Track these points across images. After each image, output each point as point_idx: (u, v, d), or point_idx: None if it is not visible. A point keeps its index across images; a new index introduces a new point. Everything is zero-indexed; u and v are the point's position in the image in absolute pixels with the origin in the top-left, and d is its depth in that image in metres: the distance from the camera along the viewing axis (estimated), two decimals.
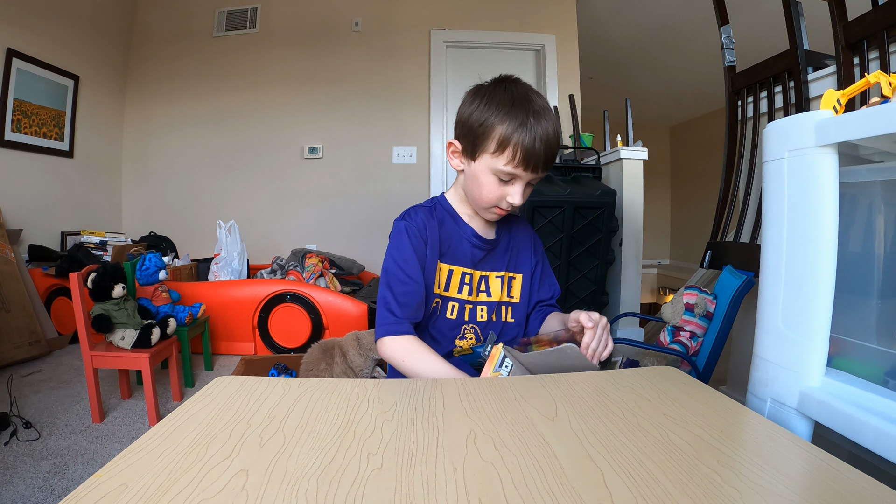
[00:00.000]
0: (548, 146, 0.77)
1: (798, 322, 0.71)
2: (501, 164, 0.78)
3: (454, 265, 0.89)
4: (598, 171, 2.58)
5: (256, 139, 3.58)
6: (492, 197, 0.82)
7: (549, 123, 0.78)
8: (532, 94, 0.80)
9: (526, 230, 0.99)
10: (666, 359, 1.52)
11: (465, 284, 0.89)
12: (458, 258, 0.89)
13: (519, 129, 0.76)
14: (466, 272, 0.89)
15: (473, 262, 0.90)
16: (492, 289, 0.91)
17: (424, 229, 0.85)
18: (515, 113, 0.77)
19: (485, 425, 0.50)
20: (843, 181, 0.68)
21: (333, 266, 2.96)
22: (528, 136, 0.76)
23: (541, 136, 0.76)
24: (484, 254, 0.91)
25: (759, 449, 0.48)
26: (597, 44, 4.21)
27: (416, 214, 0.87)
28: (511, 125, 0.77)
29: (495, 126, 0.77)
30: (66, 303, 2.46)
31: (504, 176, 0.80)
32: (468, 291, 0.89)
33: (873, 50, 1.30)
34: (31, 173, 2.78)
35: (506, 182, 0.81)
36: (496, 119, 0.78)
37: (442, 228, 0.88)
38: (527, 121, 0.76)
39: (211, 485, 0.38)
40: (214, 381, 0.61)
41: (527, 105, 0.77)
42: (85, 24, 3.16)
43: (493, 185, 0.81)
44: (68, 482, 1.20)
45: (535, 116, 0.77)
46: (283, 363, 1.89)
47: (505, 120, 0.77)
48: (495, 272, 0.92)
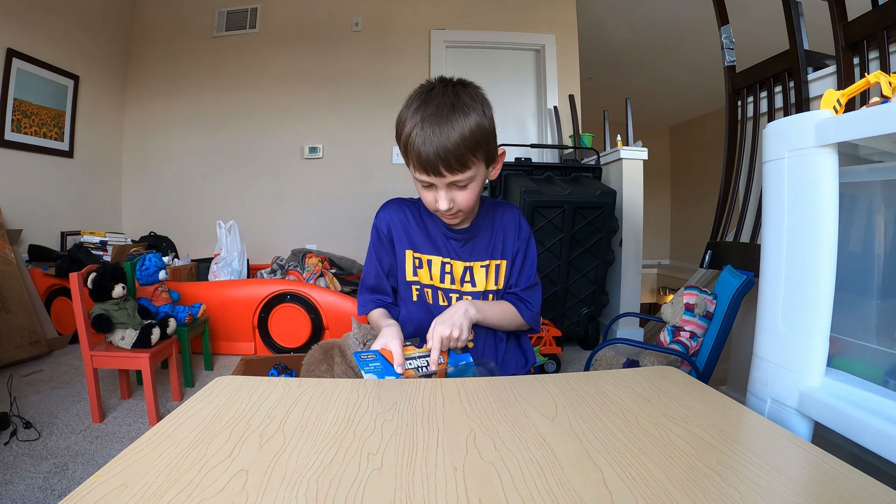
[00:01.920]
0: (442, 148, 0.73)
1: (798, 322, 0.71)
2: (413, 171, 0.79)
3: (432, 255, 0.91)
4: (598, 171, 2.58)
5: (256, 139, 3.58)
6: (428, 203, 0.83)
7: (450, 121, 0.73)
8: (441, 92, 0.76)
9: (513, 215, 0.95)
10: (666, 359, 1.52)
11: (447, 274, 0.91)
12: (435, 248, 0.91)
13: (413, 131, 0.75)
14: (446, 262, 0.91)
15: (455, 252, 0.91)
16: (477, 279, 0.92)
17: (393, 224, 0.92)
18: (414, 115, 0.75)
19: (485, 425, 0.50)
20: (843, 181, 0.68)
21: (333, 266, 2.96)
22: (419, 140, 0.74)
23: (431, 139, 0.73)
24: (461, 243, 0.91)
25: (759, 449, 0.48)
26: (597, 44, 4.20)
27: (386, 210, 0.94)
28: (408, 127, 0.75)
29: (402, 131, 0.78)
30: (66, 303, 2.46)
31: (423, 182, 0.79)
32: (450, 280, 0.91)
33: (873, 50, 1.30)
34: (31, 173, 2.78)
35: (427, 188, 0.80)
36: (401, 126, 0.78)
37: (416, 220, 0.92)
38: (419, 124, 0.74)
39: (211, 485, 0.38)
40: (214, 381, 0.61)
41: (425, 107, 0.74)
42: (85, 24, 3.16)
43: (423, 192, 0.82)
44: (68, 482, 1.20)
45: (430, 118, 0.73)
46: (283, 363, 1.88)
47: (407, 122, 0.76)
48: (480, 262, 0.92)
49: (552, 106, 3.47)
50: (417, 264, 0.92)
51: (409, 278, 0.92)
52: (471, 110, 0.75)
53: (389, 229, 0.93)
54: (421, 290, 0.92)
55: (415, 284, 0.92)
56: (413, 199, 0.97)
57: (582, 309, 2.46)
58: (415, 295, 0.93)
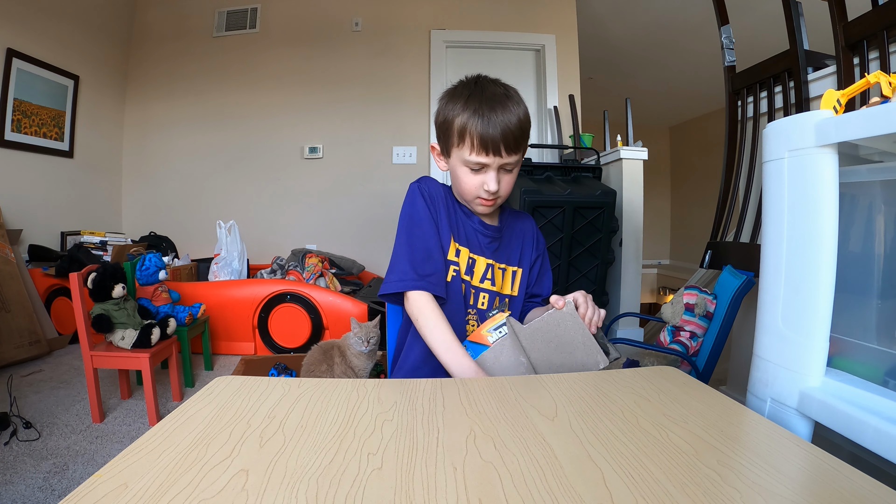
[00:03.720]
0: (505, 128, 0.79)
1: (798, 322, 0.71)
2: (467, 155, 0.82)
3: (462, 246, 0.91)
4: (598, 171, 2.58)
5: (256, 139, 3.58)
6: (471, 188, 0.85)
7: (507, 107, 0.80)
8: (490, 84, 0.83)
9: (529, 225, 1.00)
10: (666, 359, 1.52)
11: (471, 268, 0.91)
12: (466, 241, 0.91)
13: (472, 117, 0.80)
14: (472, 257, 0.91)
15: (481, 249, 0.92)
16: (495, 279, 0.93)
17: (435, 198, 0.90)
18: (470, 103, 0.81)
19: (485, 425, 0.50)
20: (843, 181, 0.68)
21: (333, 266, 2.96)
22: (480, 122, 0.79)
23: (494, 120, 0.79)
24: (489, 241, 0.93)
25: (759, 449, 0.48)
26: (597, 44, 4.21)
27: (430, 183, 0.93)
28: (465, 115, 0.80)
29: (454, 119, 0.82)
30: (66, 303, 2.46)
31: (474, 165, 0.83)
32: (470, 275, 0.91)
33: (873, 50, 1.30)
34: (31, 173, 2.78)
35: (477, 171, 0.84)
36: (454, 113, 0.82)
37: (452, 208, 0.92)
38: (479, 108, 0.79)
39: (211, 485, 0.38)
40: (214, 381, 0.61)
41: (480, 94, 0.81)
42: (85, 24, 3.16)
43: (468, 177, 0.85)
44: (68, 482, 1.20)
45: (488, 103, 0.80)
46: (283, 363, 1.89)
47: (461, 112, 0.81)
48: (499, 263, 0.93)
49: (552, 106, 3.47)
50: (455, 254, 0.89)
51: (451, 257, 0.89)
52: (520, 101, 0.83)
53: (434, 201, 0.89)
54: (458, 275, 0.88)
55: (454, 265, 0.88)
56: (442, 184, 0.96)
57: None
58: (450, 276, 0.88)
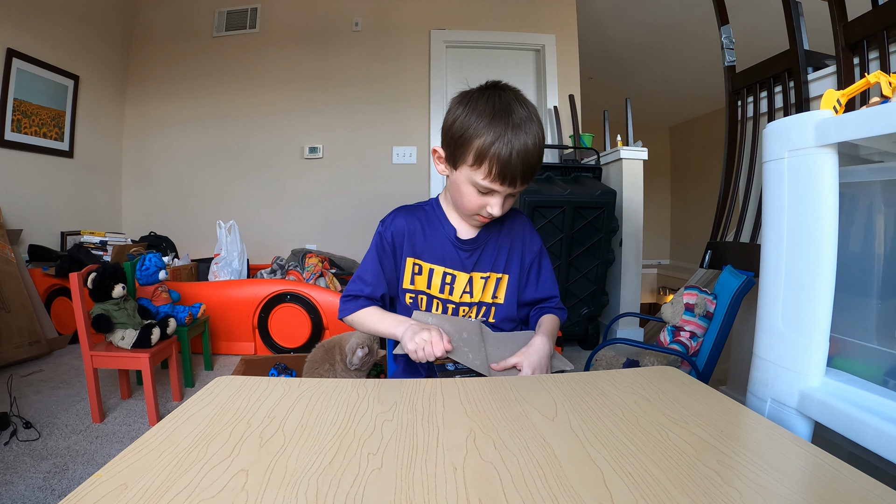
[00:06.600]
0: (525, 160, 0.76)
1: (798, 322, 0.71)
2: (479, 178, 0.78)
3: (435, 264, 0.90)
4: (598, 171, 2.58)
5: (256, 139, 3.58)
6: (472, 206, 0.83)
7: (530, 136, 0.76)
8: (515, 104, 0.77)
9: (523, 226, 0.97)
10: (666, 359, 1.52)
11: (447, 285, 0.90)
12: (439, 258, 0.91)
13: (496, 143, 0.75)
14: (449, 272, 0.90)
15: (459, 263, 0.91)
16: (475, 290, 0.92)
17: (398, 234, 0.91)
18: (494, 126, 0.75)
19: (485, 425, 0.50)
20: (843, 181, 0.68)
21: (333, 266, 2.96)
22: (504, 150, 0.74)
23: (518, 150, 0.75)
24: (468, 254, 0.91)
25: (759, 449, 0.48)
26: (597, 44, 4.20)
27: (393, 219, 0.92)
28: (488, 139, 0.75)
29: (474, 139, 0.76)
30: (66, 303, 2.46)
31: (483, 189, 0.80)
32: (449, 291, 0.91)
33: (873, 50, 1.30)
34: (31, 173, 2.78)
35: (484, 194, 0.81)
36: (474, 132, 0.76)
37: (423, 229, 0.91)
38: (504, 134, 0.74)
39: (211, 485, 0.38)
40: (214, 381, 0.61)
41: (506, 117, 0.75)
42: (85, 24, 3.16)
43: (472, 196, 0.82)
44: (68, 482, 1.20)
45: (513, 129, 0.75)
46: (283, 363, 1.89)
47: (483, 133, 0.76)
48: (480, 273, 0.92)
49: (552, 106, 3.47)
50: (416, 271, 0.91)
51: (406, 286, 0.92)
52: (539, 122, 0.79)
53: (393, 238, 0.91)
54: (415, 296, 0.92)
55: (409, 292, 0.92)
56: (420, 204, 0.96)
57: (582, 309, 2.46)
58: (408, 300, 0.92)
